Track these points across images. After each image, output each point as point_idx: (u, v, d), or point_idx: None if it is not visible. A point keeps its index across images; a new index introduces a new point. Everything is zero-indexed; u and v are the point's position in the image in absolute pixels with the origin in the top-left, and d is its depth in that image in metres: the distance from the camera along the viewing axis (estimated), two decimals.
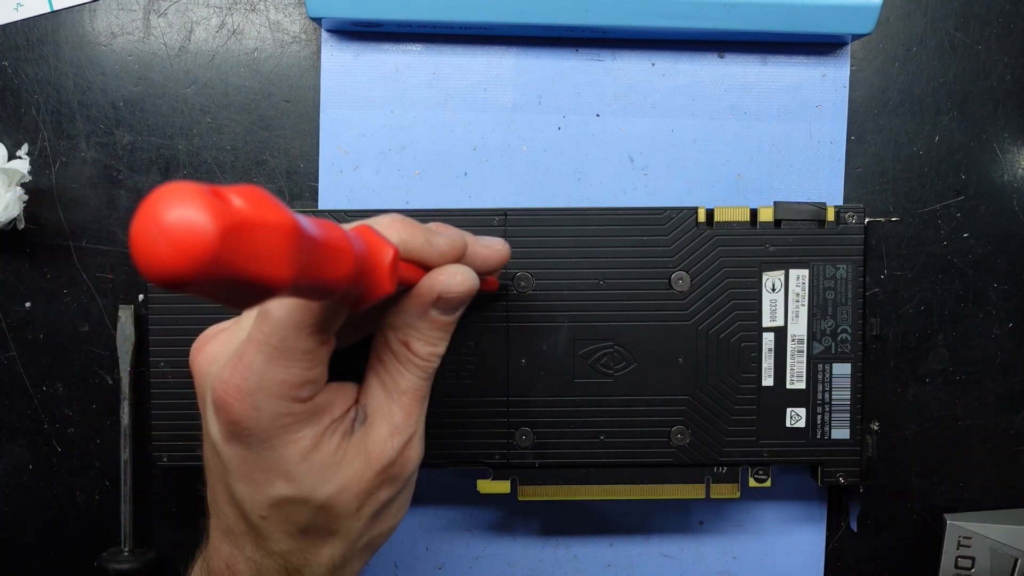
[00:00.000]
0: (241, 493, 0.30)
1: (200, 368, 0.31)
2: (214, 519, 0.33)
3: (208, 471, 0.32)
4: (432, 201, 0.46)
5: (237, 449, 0.29)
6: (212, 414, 0.30)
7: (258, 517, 0.30)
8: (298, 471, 0.29)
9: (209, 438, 0.31)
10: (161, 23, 0.46)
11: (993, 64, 0.47)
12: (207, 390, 0.30)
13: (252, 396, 0.28)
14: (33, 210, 0.46)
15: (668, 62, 0.47)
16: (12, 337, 0.46)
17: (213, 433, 0.30)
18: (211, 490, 0.33)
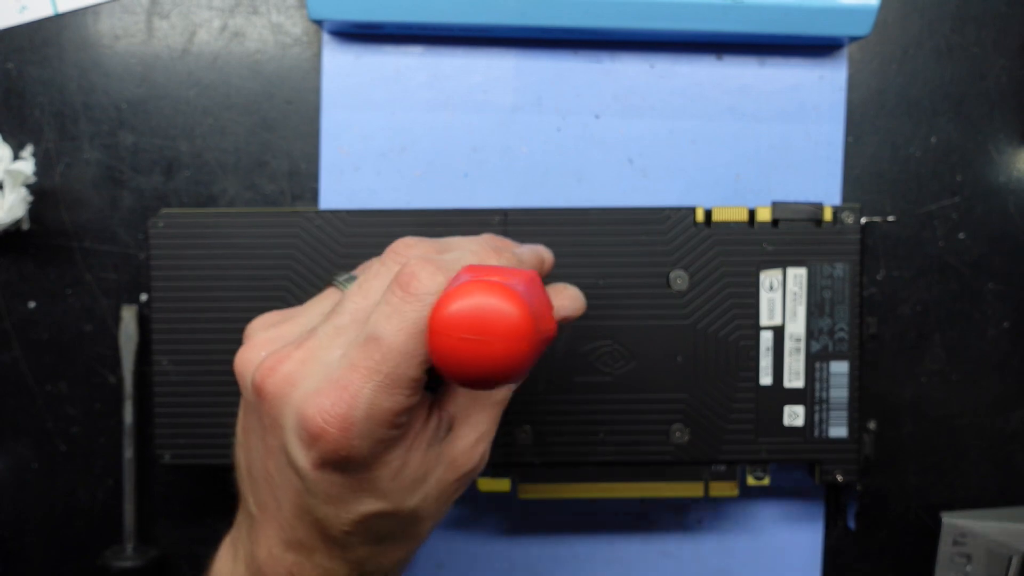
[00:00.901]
0: (324, 513, 0.30)
1: (276, 389, 0.29)
2: (272, 529, 0.31)
3: (264, 486, 0.31)
4: (432, 202, 0.47)
5: (329, 475, 0.28)
6: (296, 439, 0.28)
7: (340, 532, 0.30)
8: (389, 488, 0.29)
9: (283, 459, 0.30)
10: (164, 25, 0.46)
11: (989, 66, 0.47)
12: (287, 413, 0.29)
13: (356, 426, 0.27)
14: (37, 211, 0.46)
15: (667, 64, 0.47)
16: (16, 337, 0.47)
17: (298, 459, 0.29)
18: (266, 501, 0.31)
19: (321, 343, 0.29)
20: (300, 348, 0.30)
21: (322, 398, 0.27)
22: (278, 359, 0.29)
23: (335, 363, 0.28)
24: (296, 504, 0.30)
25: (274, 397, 0.29)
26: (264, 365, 0.30)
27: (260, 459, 0.31)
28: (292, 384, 0.29)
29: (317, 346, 0.29)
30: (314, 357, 0.29)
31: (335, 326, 0.30)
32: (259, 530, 0.32)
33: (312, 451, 0.28)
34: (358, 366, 0.27)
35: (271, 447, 0.30)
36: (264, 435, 0.30)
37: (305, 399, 0.28)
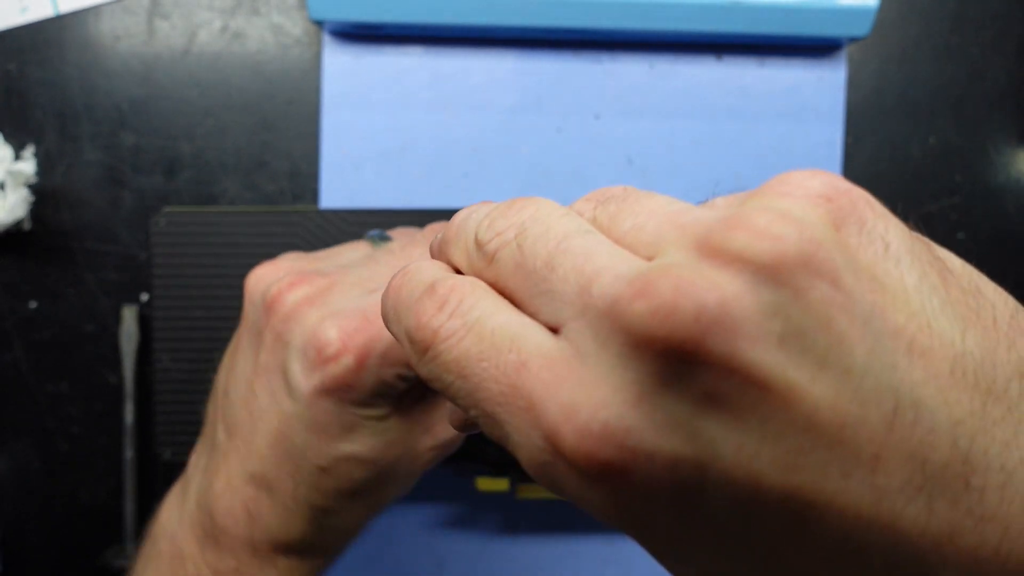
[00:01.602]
0: (305, 441, 0.29)
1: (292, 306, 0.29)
2: (237, 457, 0.30)
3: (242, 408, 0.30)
4: (432, 202, 0.47)
5: (324, 402, 0.28)
6: (302, 357, 0.28)
7: (315, 467, 0.29)
8: (375, 437, 0.29)
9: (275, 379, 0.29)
10: (165, 26, 0.46)
11: (988, 66, 0.47)
12: (296, 331, 0.28)
13: (372, 359, 0.27)
14: (38, 211, 0.46)
15: (666, 64, 0.47)
16: (17, 337, 0.47)
17: (299, 379, 0.28)
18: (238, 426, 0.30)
19: (348, 281, 0.29)
20: (323, 277, 0.29)
21: (344, 321, 0.27)
22: (301, 279, 0.29)
23: (361, 300, 0.28)
24: (276, 429, 0.29)
25: (288, 313, 0.29)
26: (284, 281, 0.29)
27: (246, 378, 0.30)
28: (311, 304, 0.29)
29: (343, 282, 0.29)
30: (338, 290, 0.29)
31: (368, 273, 0.29)
32: (221, 460, 0.31)
33: (317, 372, 0.28)
34: None
35: (265, 365, 0.30)
36: (259, 352, 0.30)
37: (324, 319, 0.28)
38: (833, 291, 0.15)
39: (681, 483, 0.15)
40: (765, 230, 0.16)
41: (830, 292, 0.15)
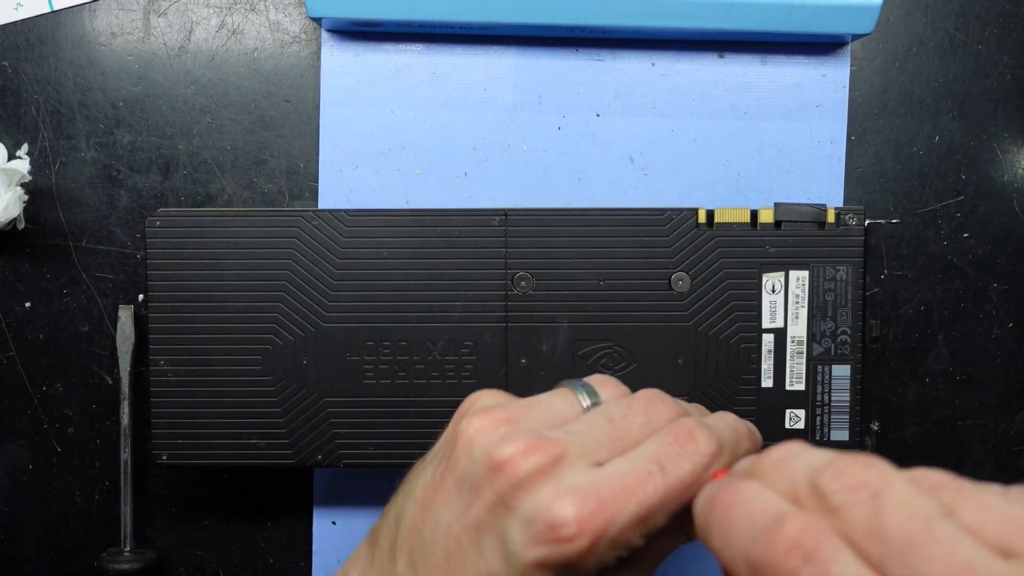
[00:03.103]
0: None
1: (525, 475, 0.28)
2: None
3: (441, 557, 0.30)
4: (432, 201, 0.46)
5: (543, 574, 0.28)
6: (527, 529, 0.28)
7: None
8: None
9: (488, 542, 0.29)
10: (161, 23, 0.46)
11: (993, 64, 0.47)
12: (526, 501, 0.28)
13: (602, 543, 0.27)
14: (33, 210, 0.46)
15: (668, 62, 0.47)
16: (12, 337, 0.46)
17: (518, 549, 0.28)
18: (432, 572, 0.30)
19: (577, 449, 0.29)
20: (555, 444, 0.29)
21: (583, 503, 0.27)
22: (532, 445, 0.29)
23: (592, 475, 0.28)
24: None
25: (519, 479, 0.28)
26: (516, 443, 0.29)
27: (452, 526, 0.30)
28: (543, 475, 0.28)
29: (571, 451, 0.29)
30: (568, 460, 0.29)
31: (594, 441, 0.29)
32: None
33: (543, 548, 0.27)
34: (629, 489, 0.28)
35: (479, 522, 0.29)
36: (473, 508, 0.29)
37: (560, 495, 0.28)
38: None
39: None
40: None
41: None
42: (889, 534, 0.20)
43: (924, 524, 0.20)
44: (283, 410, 0.42)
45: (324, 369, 0.42)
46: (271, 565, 0.48)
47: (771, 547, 0.20)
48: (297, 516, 0.48)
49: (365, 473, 0.48)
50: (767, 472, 0.24)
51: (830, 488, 0.21)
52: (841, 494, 0.21)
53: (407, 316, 0.42)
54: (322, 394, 0.42)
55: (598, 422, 0.30)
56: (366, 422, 0.43)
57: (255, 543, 0.48)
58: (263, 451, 0.43)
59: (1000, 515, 0.20)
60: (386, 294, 0.42)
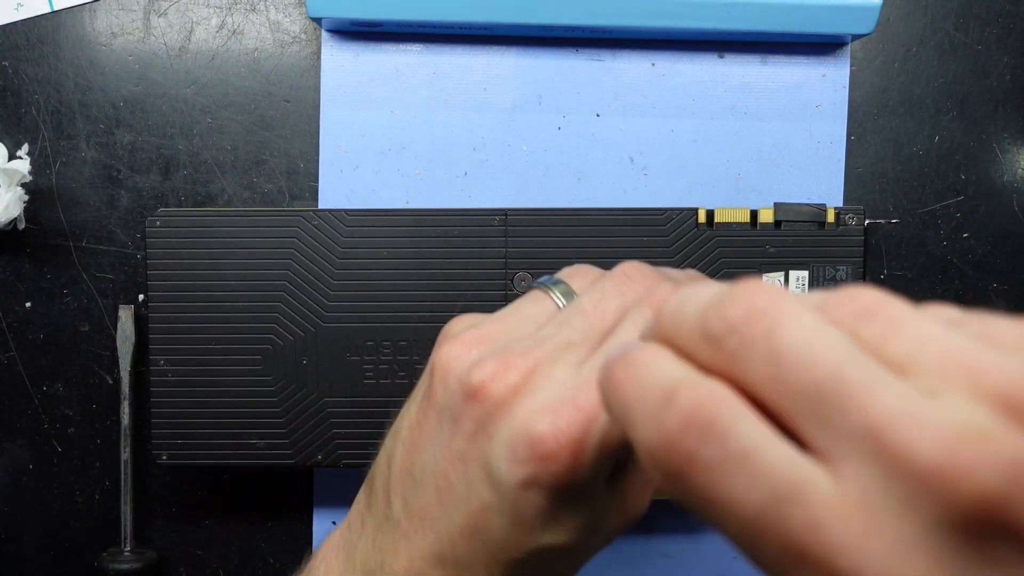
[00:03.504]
0: (506, 535, 0.28)
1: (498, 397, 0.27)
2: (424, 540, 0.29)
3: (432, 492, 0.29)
4: (432, 201, 0.46)
5: (532, 496, 0.27)
6: (509, 452, 0.27)
7: (511, 559, 0.28)
8: (577, 523, 0.28)
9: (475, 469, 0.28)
10: (161, 23, 0.46)
11: (993, 64, 0.47)
12: (503, 424, 0.27)
13: (586, 452, 0.26)
14: (33, 210, 0.46)
15: (668, 62, 0.47)
16: (12, 337, 0.46)
17: (504, 474, 0.27)
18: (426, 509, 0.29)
19: (548, 356, 0.28)
20: (525, 356, 0.28)
21: (557, 415, 0.26)
22: (502, 364, 0.28)
23: (568, 380, 0.27)
24: (473, 520, 0.28)
25: (493, 403, 0.27)
26: (486, 367, 0.28)
27: (438, 463, 0.29)
28: (517, 393, 0.27)
29: (543, 358, 0.28)
30: (540, 370, 0.27)
31: (565, 340, 0.28)
32: (401, 539, 0.30)
33: (527, 468, 0.26)
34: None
35: (463, 453, 0.28)
36: (456, 437, 0.28)
37: (535, 413, 0.26)
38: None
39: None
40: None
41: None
42: (793, 385, 0.17)
43: (831, 368, 0.17)
44: (283, 410, 0.42)
45: (324, 369, 0.42)
46: (271, 565, 0.48)
47: (664, 431, 0.17)
48: (297, 516, 0.48)
49: (365, 473, 0.48)
50: (665, 327, 0.20)
51: (718, 330, 0.18)
52: (731, 337, 0.18)
53: (407, 316, 0.42)
54: (322, 394, 0.42)
55: (571, 319, 0.29)
56: (366, 422, 0.43)
57: (255, 543, 0.48)
58: (263, 451, 0.43)
59: (939, 348, 0.17)
60: (386, 294, 0.42)
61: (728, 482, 0.17)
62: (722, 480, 0.17)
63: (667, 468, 0.18)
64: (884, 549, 0.16)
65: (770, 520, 0.16)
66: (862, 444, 0.16)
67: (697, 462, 0.17)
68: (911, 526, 0.16)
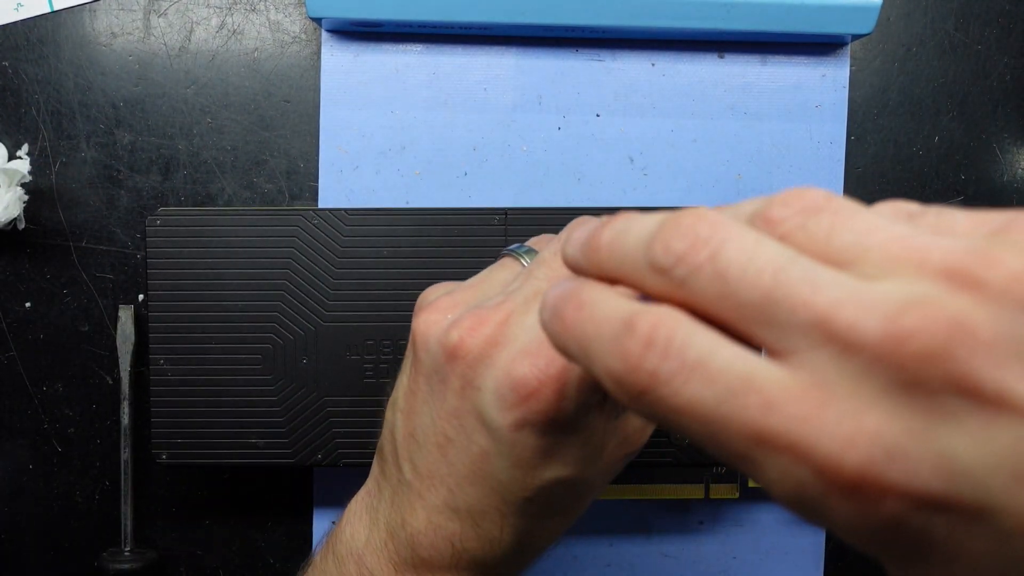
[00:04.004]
0: (510, 476, 0.29)
1: (477, 350, 0.29)
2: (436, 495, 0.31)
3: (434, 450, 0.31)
4: (432, 201, 0.46)
5: (526, 437, 0.28)
6: (497, 399, 0.28)
7: (520, 498, 0.30)
8: (577, 455, 0.29)
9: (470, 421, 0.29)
10: (161, 23, 0.46)
11: (993, 64, 0.47)
12: (486, 373, 0.29)
13: (569, 386, 0.27)
14: (33, 210, 0.46)
15: (668, 62, 0.47)
16: (12, 337, 0.46)
17: (496, 419, 0.28)
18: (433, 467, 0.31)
19: (518, 307, 0.29)
20: (497, 310, 0.29)
21: (535, 357, 0.27)
22: (477, 320, 0.29)
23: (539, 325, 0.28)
24: (477, 468, 0.30)
25: (474, 357, 0.29)
26: (462, 325, 0.29)
27: (435, 422, 0.31)
28: (495, 345, 0.29)
29: (514, 309, 0.29)
30: (513, 320, 0.29)
31: (533, 290, 0.29)
32: (416, 498, 0.31)
33: (517, 411, 0.28)
34: None
35: (456, 409, 0.30)
36: (446, 396, 0.30)
37: (514, 359, 0.28)
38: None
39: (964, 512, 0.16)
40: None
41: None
42: (741, 297, 0.18)
43: (774, 274, 0.18)
44: (283, 410, 0.42)
45: (324, 369, 0.42)
46: (271, 565, 0.48)
47: (627, 356, 0.18)
48: (297, 516, 0.48)
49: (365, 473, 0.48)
50: (605, 260, 0.21)
51: (665, 261, 0.19)
52: (679, 265, 0.19)
53: (407, 315, 0.42)
54: (322, 394, 0.42)
55: (534, 271, 0.30)
56: (366, 422, 0.43)
57: (255, 543, 0.48)
58: (263, 451, 0.43)
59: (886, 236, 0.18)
60: (386, 293, 0.42)
61: (688, 388, 0.18)
62: (683, 388, 0.18)
63: (631, 389, 0.19)
64: (839, 415, 0.17)
65: (728, 411, 0.17)
66: (811, 334, 0.17)
67: (659, 377, 0.18)
68: (864, 392, 0.16)
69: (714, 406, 0.18)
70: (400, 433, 0.32)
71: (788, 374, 0.17)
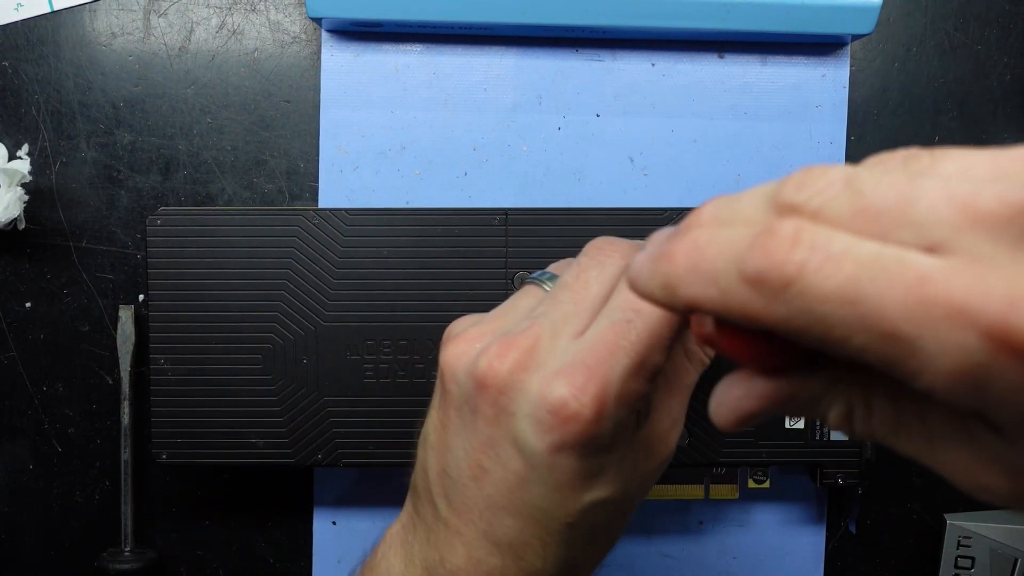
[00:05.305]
0: (550, 503, 0.29)
1: (507, 376, 0.28)
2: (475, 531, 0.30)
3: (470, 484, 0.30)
4: (432, 201, 0.46)
5: (565, 460, 0.28)
6: (533, 423, 0.28)
7: (562, 524, 0.29)
8: (614, 474, 0.29)
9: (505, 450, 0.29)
10: (161, 23, 0.46)
11: (993, 64, 0.47)
12: (519, 399, 0.28)
13: (608, 407, 0.27)
14: (33, 210, 0.46)
15: (668, 62, 0.47)
16: (12, 337, 0.46)
17: (533, 444, 0.28)
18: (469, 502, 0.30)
19: (546, 331, 0.29)
20: (524, 336, 0.29)
21: (571, 379, 0.27)
22: (504, 346, 0.29)
23: (571, 348, 0.28)
24: (516, 497, 0.29)
25: (504, 383, 0.28)
26: (489, 352, 0.29)
27: (468, 454, 0.30)
28: (524, 369, 0.28)
29: (541, 334, 0.29)
30: (542, 344, 0.29)
31: (561, 315, 0.29)
32: (453, 535, 0.31)
33: (554, 434, 0.27)
34: (612, 346, 0.27)
35: (489, 438, 0.29)
36: (479, 427, 0.29)
37: (549, 381, 0.27)
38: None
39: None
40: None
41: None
42: (878, 206, 0.18)
43: (909, 183, 0.18)
44: (283, 410, 0.42)
45: (324, 369, 0.42)
46: (271, 565, 0.48)
47: (770, 254, 0.19)
48: (297, 516, 0.48)
49: (365, 473, 0.48)
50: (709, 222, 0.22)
51: (799, 198, 0.20)
52: (814, 198, 0.19)
53: (407, 315, 0.42)
54: (322, 394, 0.42)
55: (557, 295, 0.30)
56: (366, 422, 0.43)
57: (255, 543, 0.48)
58: (263, 451, 0.43)
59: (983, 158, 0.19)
60: (386, 293, 0.42)
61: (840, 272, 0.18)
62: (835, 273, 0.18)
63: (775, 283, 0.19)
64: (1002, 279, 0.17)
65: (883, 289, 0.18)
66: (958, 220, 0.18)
67: (807, 267, 0.18)
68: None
69: (868, 285, 0.18)
70: (432, 470, 0.31)
71: (939, 258, 0.17)
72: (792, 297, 0.19)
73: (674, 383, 0.32)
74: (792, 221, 0.19)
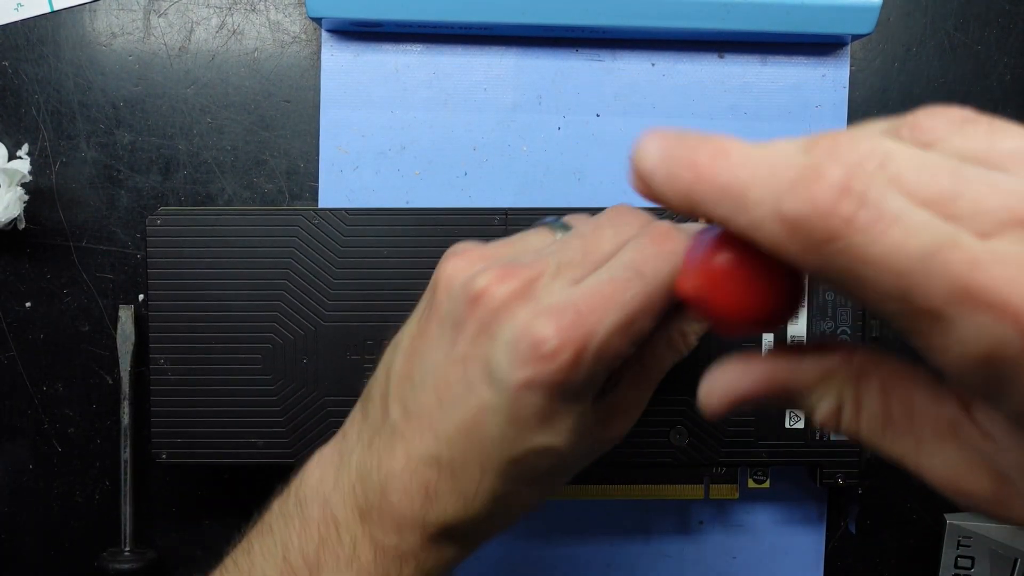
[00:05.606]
0: (502, 433, 0.29)
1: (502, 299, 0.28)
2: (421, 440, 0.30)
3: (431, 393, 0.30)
4: (432, 201, 0.46)
5: (530, 397, 0.28)
6: (510, 352, 0.28)
7: (505, 459, 0.29)
8: (569, 428, 0.29)
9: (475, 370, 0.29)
10: (161, 23, 0.46)
11: (993, 64, 0.47)
12: (506, 324, 0.28)
13: (587, 355, 0.27)
14: (33, 210, 0.46)
15: (668, 62, 0.47)
16: (12, 337, 0.46)
17: (505, 373, 0.28)
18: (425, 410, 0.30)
19: (549, 269, 0.29)
20: (528, 267, 0.29)
21: (560, 319, 0.27)
22: (506, 272, 0.29)
23: (568, 291, 0.28)
24: (471, 419, 0.29)
25: (496, 306, 0.28)
26: (489, 274, 0.29)
27: (439, 366, 0.30)
28: (519, 297, 0.28)
29: (544, 271, 0.29)
30: (543, 281, 0.29)
31: (567, 259, 0.29)
32: (398, 439, 0.31)
33: (528, 368, 0.27)
34: (607, 298, 0.27)
35: (464, 355, 0.29)
36: (457, 341, 0.29)
37: (537, 315, 0.27)
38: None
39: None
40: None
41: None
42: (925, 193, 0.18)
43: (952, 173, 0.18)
44: (283, 409, 0.42)
45: (324, 368, 0.42)
46: None
47: (815, 201, 0.18)
48: None
49: None
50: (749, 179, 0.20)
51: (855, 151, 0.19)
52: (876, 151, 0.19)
53: (407, 315, 0.42)
54: (322, 393, 0.42)
55: (570, 241, 0.30)
56: None
57: None
58: (263, 451, 0.43)
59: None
60: (386, 293, 0.42)
61: (889, 237, 0.17)
62: (883, 236, 0.17)
63: (817, 235, 0.18)
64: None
65: (931, 265, 0.17)
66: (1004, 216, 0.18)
67: (855, 224, 0.18)
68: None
69: (916, 257, 0.17)
70: (396, 373, 0.32)
71: (990, 243, 0.17)
72: (832, 253, 0.18)
73: (650, 366, 0.32)
74: (842, 167, 0.18)
